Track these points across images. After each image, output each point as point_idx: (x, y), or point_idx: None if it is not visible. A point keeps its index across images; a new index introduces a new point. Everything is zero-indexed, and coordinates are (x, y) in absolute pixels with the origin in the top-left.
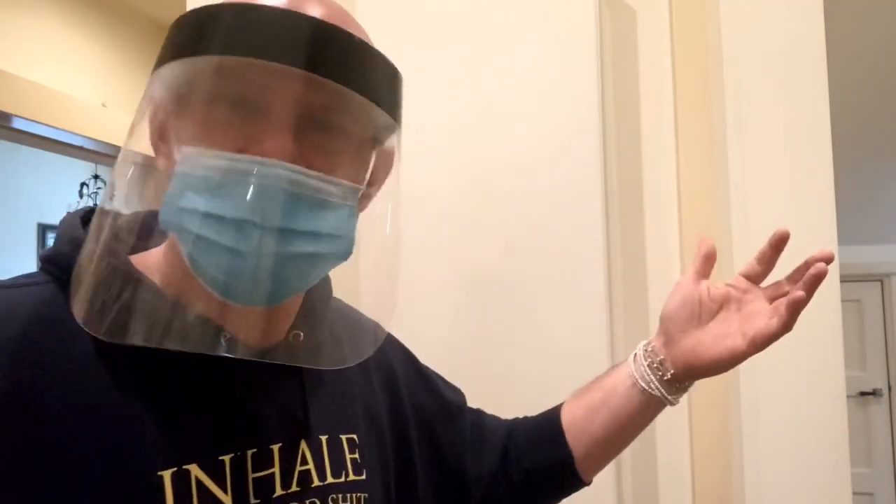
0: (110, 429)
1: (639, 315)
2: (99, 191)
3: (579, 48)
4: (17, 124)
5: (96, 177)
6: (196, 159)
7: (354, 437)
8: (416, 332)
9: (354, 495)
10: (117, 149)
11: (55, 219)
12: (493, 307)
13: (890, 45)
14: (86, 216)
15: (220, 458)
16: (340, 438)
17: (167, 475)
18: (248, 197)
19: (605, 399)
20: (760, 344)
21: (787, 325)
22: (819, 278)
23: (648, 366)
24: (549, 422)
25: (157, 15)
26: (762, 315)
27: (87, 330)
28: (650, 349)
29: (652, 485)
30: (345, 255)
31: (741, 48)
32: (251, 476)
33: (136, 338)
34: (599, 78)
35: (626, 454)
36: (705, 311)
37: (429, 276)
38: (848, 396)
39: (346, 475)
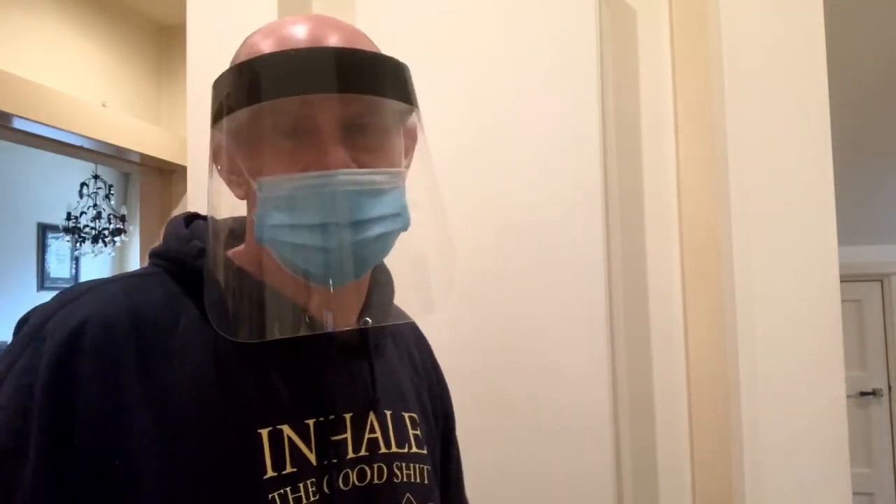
0: (218, 392)
1: (639, 317)
2: (99, 191)
3: (579, 48)
4: (17, 124)
5: (96, 177)
6: (273, 185)
7: (415, 415)
8: None
9: (418, 466)
10: (117, 149)
11: (55, 219)
12: (493, 310)
13: (890, 46)
14: (187, 220)
15: (306, 421)
16: (403, 416)
17: (265, 433)
18: (324, 204)
19: None
20: None
21: None
22: None
23: None
24: None
25: (158, 15)
26: None
27: (220, 331)
28: None
29: (652, 485)
30: (406, 226)
31: (741, 48)
32: (331, 438)
33: (254, 335)
34: (599, 78)
35: (626, 454)
36: None
37: None
38: (848, 396)
39: (410, 447)
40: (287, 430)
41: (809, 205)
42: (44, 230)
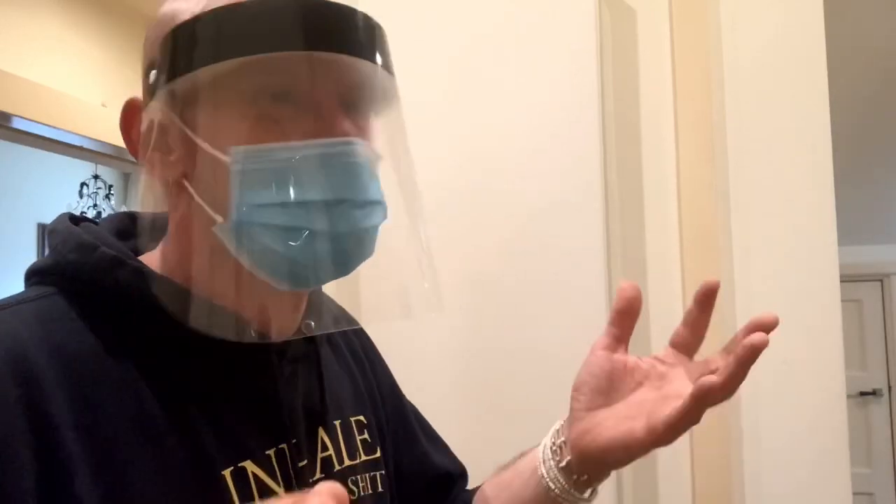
0: (168, 435)
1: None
2: (99, 191)
3: (579, 48)
4: (17, 124)
5: (96, 177)
6: (261, 155)
7: (362, 417)
8: (414, 332)
9: (370, 475)
10: (117, 149)
11: None
12: (492, 307)
13: (890, 45)
14: (72, 222)
15: (267, 452)
16: (350, 421)
17: (227, 473)
18: (338, 177)
19: (510, 480)
20: (662, 434)
21: (687, 415)
22: (756, 351)
23: (551, 448)
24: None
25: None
26: (679, 398)
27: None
28: (559, 428)
29: (652, 485)
30: (384, 217)
31: (741, 48)
32: (293, 466)
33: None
34: (599, 78)
35: None
36: (619, 386)
37: None
38: (848, 396)
39: (360, 456)
40: (250, 465)
41: (809, 205)
42: (44, 230)
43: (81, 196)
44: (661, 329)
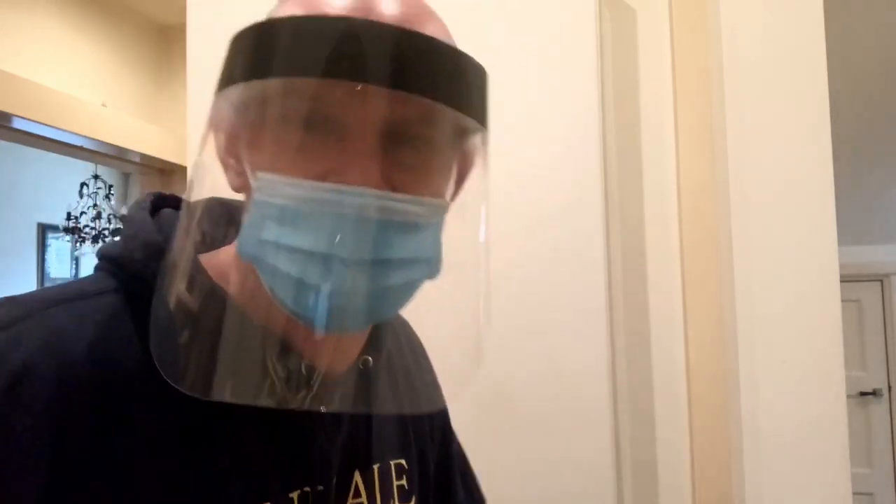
0: (187, 467)
1: (639, 317)
2: (99, 191)
3: (579, 48)
4: (17, 124)
5: (96, 177)
6: (274, 187)
7: (403, 462)
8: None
9: None
10: (117, 149)
11: (55, 219)
12: (492, 308)
13: (890, 46)
14: (154, 205)
15: (290, 494)
16: (390, 465)
17: None
18: (333, 230)
19: None
20: None
21: None
22: None
23: None
24: None
25: (158, 15)
26: None
27: (176, 385)
28: None
29: (652, 485)
30: (434, 275)
31: (741, 48)
32: None
33: (224, 395)
34: (599, 78)
35: (626, 454)
36: None
37: None
38: (848, 396)
39: (395, 499)
40: None
41: (809, 205)
42: (44, 230)
43: (81, 196)
44: (661, 329)
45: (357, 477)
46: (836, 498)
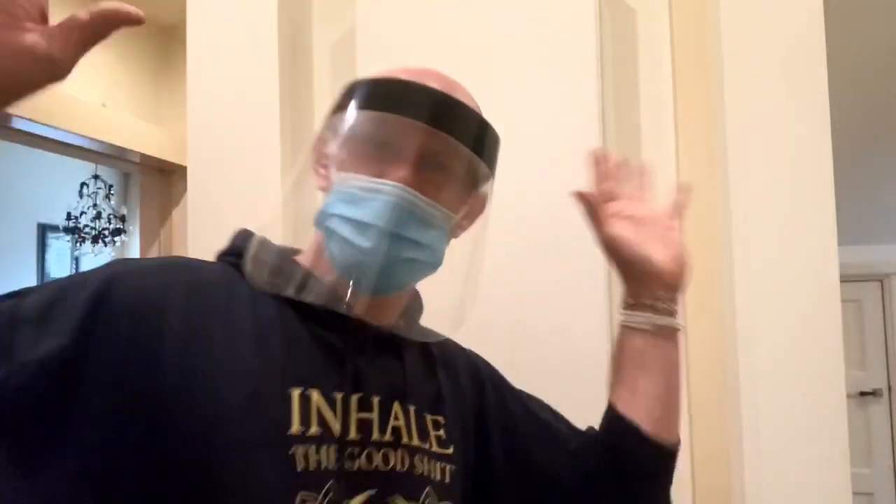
0: (257, 350)
1: None
2: (99, 191)
3: (579, 48)
4: (17, 124)
5: (96, 177)
6: (346, 179)
7: (440, 418)
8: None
9: (440, 464)
10: (117, 149)
11: (55, 219)
12: (492, 309)
13: (890, 46)
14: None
15: (335, 394)
16: (425, 416)
17: (296, 394)
18: (378, 208)
19: (620, 363)
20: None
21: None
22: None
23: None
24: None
25: (158, 15)
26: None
27: (265, 288)
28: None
29: None
30: (436, 265)
31: (741, 48)
32: (354, 415)
33: (290, 294)
34: (599, 78)
35: None
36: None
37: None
38: (848, 396)
39: (431, 445)
40: (315, 395)
41: (809, 205)
42: (44, 230)
43: (81, 196)
44: None
45: (396, 406)
46: (836, 498)
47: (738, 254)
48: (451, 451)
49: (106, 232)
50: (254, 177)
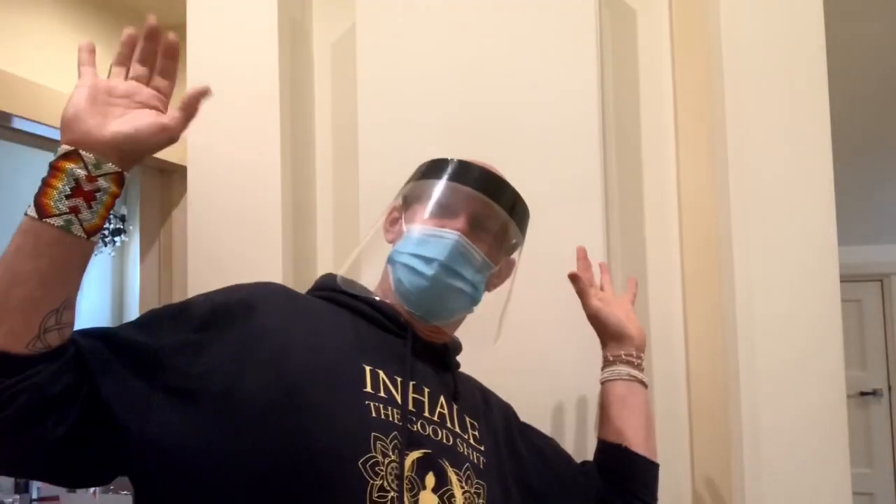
0: (340, 337)
1: (639, 317)
2: None
3: (579, 48)
4: (17, 124)
5: None
6: (416, 228)
7: (476, 423)
8: None
9: (476, 453)
10: None
11: None
12: (491, 309)
13: (890, 46)
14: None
15: (396, 377)
16: (465, 416)
17: (367, 369)
18: (439, 246)
19: (608, 409)
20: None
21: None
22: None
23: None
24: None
25: (158, 16)
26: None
27: (352, 290)
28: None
29: None
30: (475, 301)
31: (741, 48)
32: (411, 395)
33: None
34: (599, 78)
35: None
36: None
37: None
38: (848, 396)
39: (468, 436)
40: (382, 374)
41: (809, 205)
42: None
43: None
44: (661, 329)
45: (443, 399)
46: (836, 498)
47: (738, 254)
48: (483, 447)
49: (106, 232)
50: (254, 177)
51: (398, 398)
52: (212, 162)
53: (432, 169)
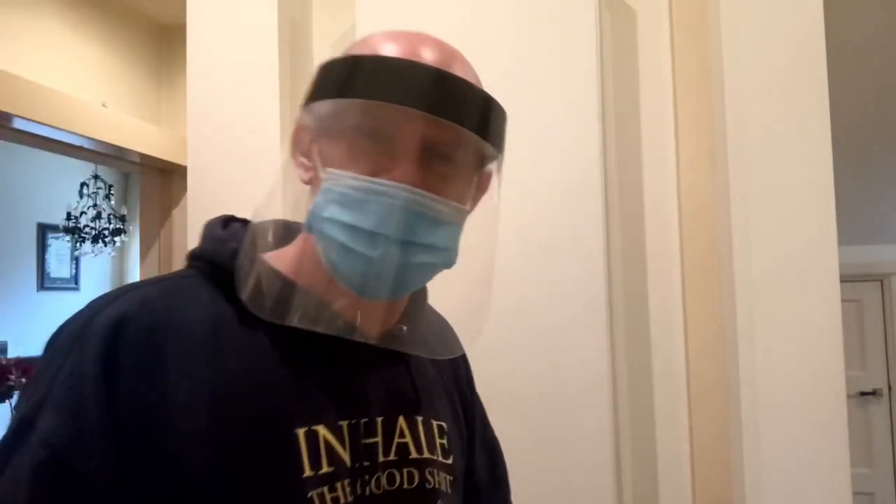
0: (256, 392)
1: (639, 317)
2: (99, 191)
3: (579, 48)
4: (17, 124)
5: (96, 177)
6: (339, 178)
7: (444, 424)
8: None
9: (446, 476)
10: (117, 149)
11: (55, 219)
12: (492, 308)
13: (890, 46)
14: (224, 222)
15: (339, 423)
16: (433, 423)
17: (301, 433)
18: (382, 213)
19: None
20: None
21: None
22: None
23: None
24: None
25: (157, 15)
26: None
27: (253, 310)
28: None
29: (652, 485)
30: (451, 264)
31: (741, 48)
32: (362, 441)
33: (280, 319)
34: (599, 78)
35: (626, 454)
36: None
37: None
38: (848, 396)
39: (438, 455)
40: (322, 430)
41: (809, 205)
42: (44, 230)
43: (81, 196)
44: (661, 329)
45: (401, 421)
46: (836, 498)
47: (738, 254)
48: (451, 461)
49: (106, 232)
50: (254, 177)
51: (347, 459)
52: (212, 162)
53: (347, 75)
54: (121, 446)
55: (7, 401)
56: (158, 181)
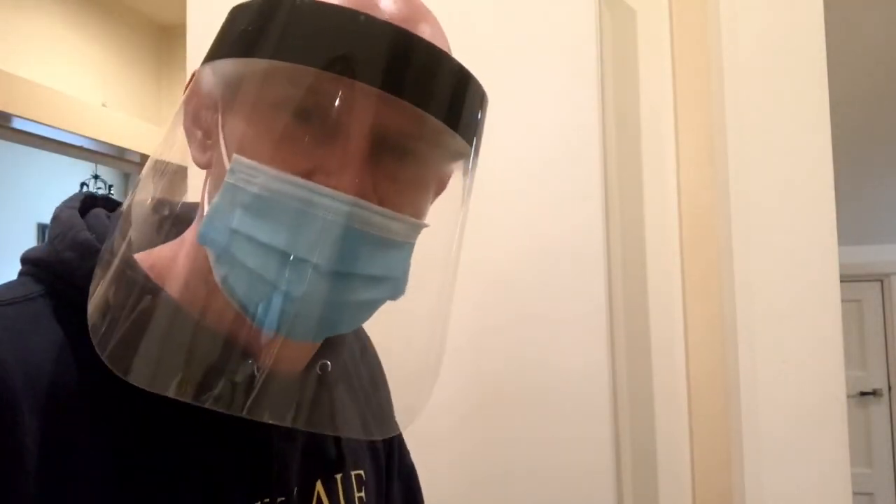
0: (143, 478)
1: (638, 317)
2: (99, 191)
3: (579, 48)
4: (17, 124)
5: (96, 177)
6: (252, 174)
7: (362, 473)
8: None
9: None
10: (117, 149)
11: None
12: (491, 310)
13: (890, 46)
14: (83, 208)
15: None
16: (351, 476)
17: None
18: (314, 234)
19: None
20: None
21: None
22: None
23: None
24: None
25: (157, 15)
26: None
27: (117, 371)
28: None
29: (652, 485)
30: (397, 296)
31: (741, 48)
32: None
33: (161, 388)
34: (599, 78)
35: (626, 454)
36: None
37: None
38: (848, 396)
39: None
40: None
41: (809, 205)
42: (44, 230)
43: None
44: (661, 328)
45: (319, 487)
46: (836, 498)
47: (738, 254)
48: None
49: None
50: None
51: None
52: None
53: (279, 21)
54: None
55: None
56: (159, 181)
